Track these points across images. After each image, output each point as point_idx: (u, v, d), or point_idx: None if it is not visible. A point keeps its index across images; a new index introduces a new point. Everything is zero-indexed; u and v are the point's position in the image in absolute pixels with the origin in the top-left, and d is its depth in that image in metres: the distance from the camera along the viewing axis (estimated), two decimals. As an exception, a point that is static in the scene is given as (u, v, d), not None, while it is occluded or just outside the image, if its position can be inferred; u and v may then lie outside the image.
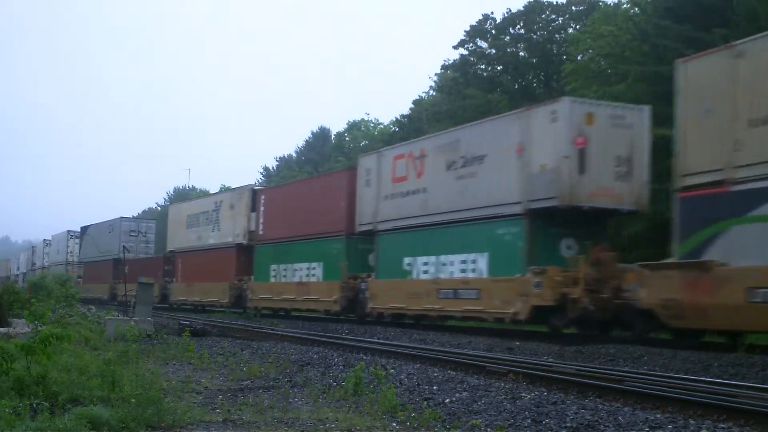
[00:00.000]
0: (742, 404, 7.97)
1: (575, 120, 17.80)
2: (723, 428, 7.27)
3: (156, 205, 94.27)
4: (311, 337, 18.34)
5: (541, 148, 18.26)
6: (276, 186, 39.12)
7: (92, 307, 26.39)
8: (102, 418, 6.64)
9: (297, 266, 28.71)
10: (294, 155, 77.49)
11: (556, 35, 41.41)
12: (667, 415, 7.82)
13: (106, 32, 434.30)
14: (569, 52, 38.07)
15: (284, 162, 76.92)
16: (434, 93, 53.10)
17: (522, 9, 41.44)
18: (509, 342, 17.07)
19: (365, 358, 13.10)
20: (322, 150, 71.85)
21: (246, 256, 32.82)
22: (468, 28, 42.96)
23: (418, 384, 10.20)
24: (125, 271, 43.07)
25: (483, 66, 43.10)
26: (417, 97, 55.01)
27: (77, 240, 57.36)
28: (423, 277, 22.09)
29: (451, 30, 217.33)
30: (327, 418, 7.66)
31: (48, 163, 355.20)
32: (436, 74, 52.64)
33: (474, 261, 20.13)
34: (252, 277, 32.03)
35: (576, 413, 7.86)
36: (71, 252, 58.16)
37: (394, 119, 56.48)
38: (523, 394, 9.13)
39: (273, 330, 21.49)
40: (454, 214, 20.98)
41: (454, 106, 40.89)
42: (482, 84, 40.98)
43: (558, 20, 41.81)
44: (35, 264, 68.70)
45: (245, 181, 45.80)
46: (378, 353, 14.42)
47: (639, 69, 26.93)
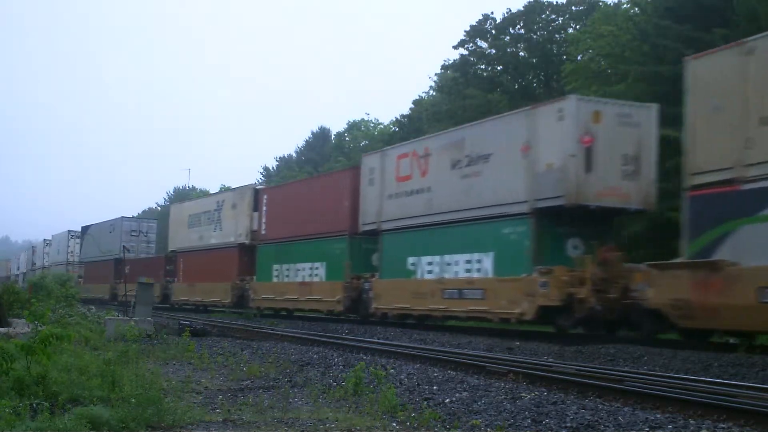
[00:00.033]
0: (742, 404, 7.97)
1: (582, 118, 17.65)
2: (723, 428, 7.27)
3: (156, 205, 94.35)
4: (311, 337, 18.34)
5: (548, 147, 18.10)
6: (278, 185, 38.90)
7: (92, 307, 26.39)
8: (102, 418, 6.64)
9: (300, 266, 28.59)
10: (294, 155, 77.53)
11: (556, 35, 41.41)
12: (667, 415, 7.82)
13: (106, 32, 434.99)
14: (569, 52, 38.08)
15: (284, 162, 76.95)
16: (434, 93, 53.12)
17: (522, 9, 41.44)
18: (509, 342, 17.06)
19: (365, 358, 13.10)
20: (322, 150, 71.86)
21: (248, 256, 32.72)
22: (468, 28, 43.01)
23: (418, 384, 10.20)
24: (126, 271, 43.17)
25: (483, 66, 43.10)
26: (417, 97, 55.13)
27: (78, 240, 57.35)
28: (427, 277, 21.94)
29: (451, 30, 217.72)
30: (327, 418, 7.66)
31: (48, 163, 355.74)
32: (436, 74, 52.75)
33: (479, 261, 19.99)
34: (254, 277, 31.94)
35: (576, 413, 7.86)
36: (72, 252, 58.16)
37: (394, 119, 56.59)
38: (523, 394, 9.13)
39: (273, 330, 21.49)
40: (459, 214, 20.81)
41: (454, 106, 40.89)
42: (482, 84, 40.98)
43: (558, 20, 41.81)
44: (35, 264, 68.69)
45: (245, 181, 45.82)
46: (378, 353, 14.41)
47: (639, 69, 26.94)
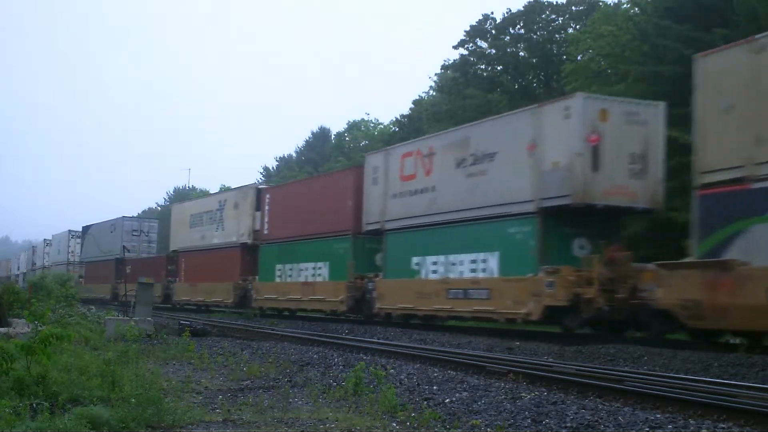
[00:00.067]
0: (742, 404, 7.97)
1: (589, 116, 17.49)
2: (723, 428, 7.27)
3: (156, 205, 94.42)
4: (311, 337, 18.34)
5: (554, 146, 17.95)
6: (281, 185, 38.64)
7: (92, 307, 26.41)
8: (102, 418, 6.64)
9: (303, 266, 28.45)
10: (294, 155, 77.55)
11: (556, 35, 41.42)
12: (667, 415, 7.82)
13: (106, 32, 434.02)
14: (569, 52, 38.08)
15: (284, 162, 76.96)
16: (434, 93, 53.13)
17: (522, 9, 41.45)
18: (509, 342, 17.05)
19: (365, 358, 13.10)
20: (322, 150, 71.88)
21: (251, 256, 32.58)
22: (468, 28, 43.02)
23: (418, 384, 10.20)
24: (127, 271, 43.17)
25: (483, 66, 43.10)
26: (417, 97, 55.16)
27: (78, 240, 57.24)
28: (432, 277, 21.79)
29: (451, 30, 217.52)
30: (327, 418, 7.66)
31: (48, 163, 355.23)
32: (436, 74, 52.78)
33: (484, 260, 19.84)
34: (257, 277, 31.81)
35: (576, 413, 7.86)
36: (72, 252, 58.07)
37: (394, 119, 56.60)
38: (523, 394, 9.13)
39: (273, 330, 21.49)
40: (464, 213, 20.66)
41: (454, 106, 40.90)
42: (482, 84, 40.99)
43: (558, 20, 41.81)
44: (35, 264, 68.62)
45: (245, 181, 45.77)
46: (378, 353, 14.42)
47: (639, 69, 26.94)
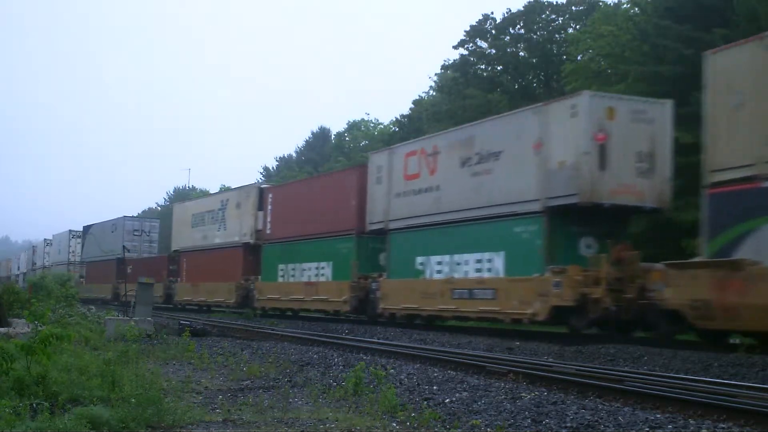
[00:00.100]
0: (742, 404, 7.97)
1: (595, 115, 17.34)
2: (723, 428, 7.26)
3: (156, 205, 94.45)
4: (311, 337, 18.34)
5: (560, 144, 17.81)
6: (284, 184, 38.46)
7: (92, 307, 26.41)
8: (102, 418, 6.64)
9: (305, 266, 28.30)
10: (294, 155, 77.57)
11: (556, 35, 41.42)
12: (667, 415, 7.82)
13: (106, 32, 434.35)
14: (569, 52, 38.08)
15: (284, 162, 76.97)
16: (434, 93, 53.13)
17: (522, 9, 41.44)
18: (509, 342, 17.03)
19: (365, 358, 13.10)
20: (322, 150, 71.89)
21: (253, 256, 32.46)
22: (468, 28, 43.01)
23: (418, 384, 10.20)
24: (128, 271, 43.13)
25: (483, 66, 43.10)
26: (417, 97, 55.15)
27: (79, 239, 57.14)
28: (436, 277, 21.62)
29: (451, 30, 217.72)
30: (327, 418, 7.66)
31: (48, 163, 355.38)
32: (436, 74, 52.77)
33: (490, 260, 19.69)
34: (259, 277, 31.68)
35: (576, 413, 7.85)
36: (73, 252, 57.96)
37: (394, 119, 56.61)
38: (523, 394, 9.13)
39: (273, 330, 21.49)
40: (469, 212, 20.50)
41: (454, 106, 40.89)
42: (482, 84, 40.98)
43: (558, 20, 41.81)
44: (36, 264, 68.56)
45: (245, 181, 45.72)
46: (378, 353, 14.41)
47: (639, 69, 26.92)
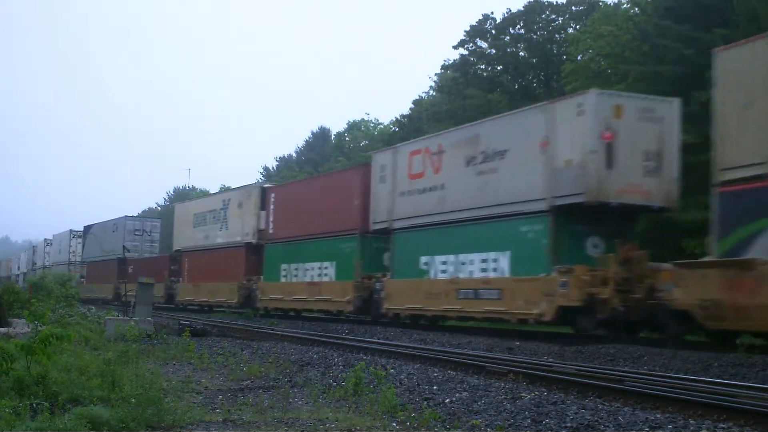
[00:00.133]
0: (742, 404, 7.97)
1: (602, 113, 17.18)
2: (723, 428, 7.27)
3: (156, 205, 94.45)
4: (311, 337, 18.35)
5: (567, 143, 17.67)
6: (286, 183, 38.25)
7: (92, 307, 26.42)
8: (102, 418, 6.64)
9: (308, 266, 28.15)
10: (294, 155, 77.54)
11: (556, 35, 41.39)
12: (667, 415, 7.82)
13: (106, 32, 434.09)
14: (569, 52, 38.07)
15: (284, 162, 76.94)
16: (434, 93, 53.11)
17: (522, 9, 41.42)
18: (509, 342, 17.03)
19: (365, 358, 13.11)
20: (322, 150, 71.87)
21: (255, 256, 32.32)
22: (468, 28, 42.96)
23: (418, 384, 10.20)
24: (129, 271, 43.12)
25: (483, 66, 43.07)
26: (417, 97, 55.10)
27: (80, 239, 57.00)
28: (441, 277, 21.48)
29: (451, 30, 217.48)
30: (327, 418, 7.66)
31: (48, 163, 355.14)
32: (436, 74, 52.74)
33: (495, 260, 19.54)
34: (261, 277, 31.52)
35: (576, 413, 7.86)
36: (74, 252, 57.83)
37: (394, 119, 56.56)
38: (523, 394, 9.13)
39: (273, 330, 21.49)
40: (474, 212, 20.36)
41: (454, 106, 40.86)
42: (482, 84, 40.95)
43: (558, 20, 41.79)
44: (36, 264, 68.51)
45: (245, 181, 45.68)
46: (378, 353, 14.42)
47: (639, 69, 26.91)
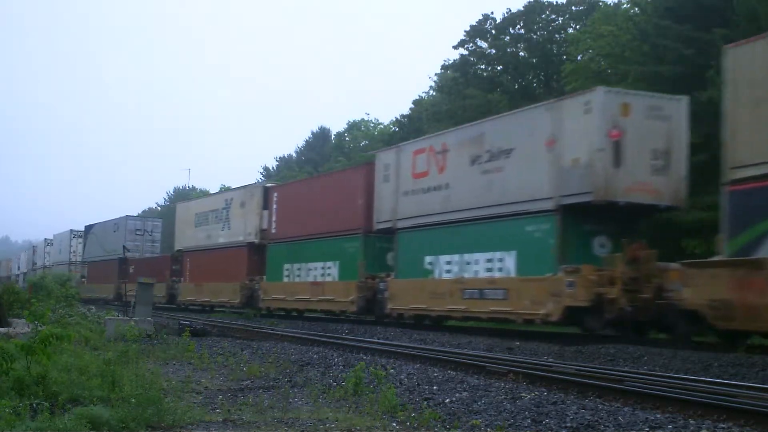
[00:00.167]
0: (742, 404, 7.97)
1: (610, 111, 17.02)
2: (723, 428, 7.27)
3: (156, 205, 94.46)
4: (311, 337, 18.35)
5: (574, 141, 17.51)
6: (289, 183, 38.02)
7: (92, 307, 26.43)
8: (102, 418, 6.64)
9: (311, 265, 28.02)
10: (294, 155, 77.53)
11: (556, 35, 41.40)
12: (667, 415, 7.82)
13: (106, 32, 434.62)
14: (569, 52, 38.07)
15: (284, 162, 76.93)
16: (434, 93, 53.12)
17: (522, 9, 41.43)
18: (509, 342, 17.03)
19: (365, 358, 13.11)
20: (322, 150, 71.87)
21: (258, 256, 32.17)
22: (468, 28, 42.99)
23: (418, 384, 10.20)
24: (131, 271, 43.06)
25: (483, 66, 43.08)
26: (417, 97, 55.13)
27: (80, 239, 56.86)
28: (446, 277, 21.33)
29: (451, 30, 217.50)
30: (327, 418, 7.66)
31: (48, 163, 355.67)
32: (436, 74, 52.77)
33: (501, 259, 19.39)
34: (264, 277, 31.38)
35: (576, 413, 7.85)
36: (74, 251, 57.72)
37: (394, 119, 56.57)
38: (523, 394, 9.13)
39: (273, 330, 21.49)
40: (479, 211, 20.22)
41: (454, 106, 40.86)
42: (482, 84, 40.96)
43: (558, 20, 41.80)
44: (36, 264, 68.46)
45: (245, 181, 45.63)
46: (378, 353, 14.42)
47: (639, 69, 26.92)
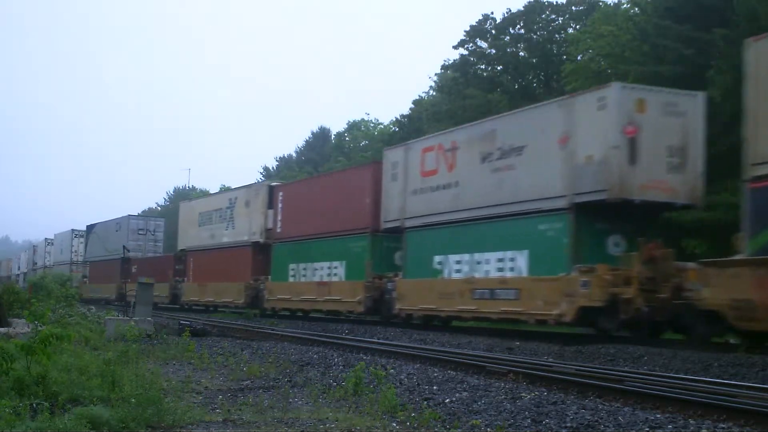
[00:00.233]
0: (742, 404, 7.97)
1: (625, 107, 16.74)
2: (723, 428, 7.27)
3: (156, 205, 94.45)
4: (311, 337, 18.35)
5: (588, 138, 17.23)
6: (295, 182, 37.76)
7: (92, 307, 26.43)
8: (102, 418, 6.64)
9: (317, 265, 27.76)
10: (294, 155, 77.53)
11: (556, 35, 41.41)
12: (667, 415, 7.82)
13: (106, 32, 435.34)
14: (569, 52, 38.08)
15: (284, 162, 76.93)
16: (434, 93, 53.15)
17: (522, 9, 41.44)
18: (509, 342, 17.04)
19: (365, 358, 13.11)
20: (322, 150, 71.87)
21: (263, 255, 31.84)
22: (468, 28, 43.00)
23: (418, 384, 10.20)
24: (133, 271, 43.01)
25: (483, 66, 43.09)
26: (417, 97, 55.15)
27: (82, 239, 56.66)
28: (455, 277, 21.01)
29: (451, 30, 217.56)
30: (327, 418, 7.66)
31: (48, 163, 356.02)
32: (436, 74, 52.80)
33: (512, 259, 19.10)
34: (269, 277, 31.11)
35: (576, 413, 7.85)
36: (76, 251, 57.56)
37: (394, 119, 56.57)
38: (523, 394, 9.13)
39: (273, 330, 21.49)
40: (490, 210, 19.92)
41: (454, 106, 40.87)
42: (482, 84, 40.96)
43: (558, 20, 41.81)
44: (36, 264, 68.38)
45: (245, 181, 45.49)
46: (378, 353, 14.42)
47: (639, 69, 26.91)
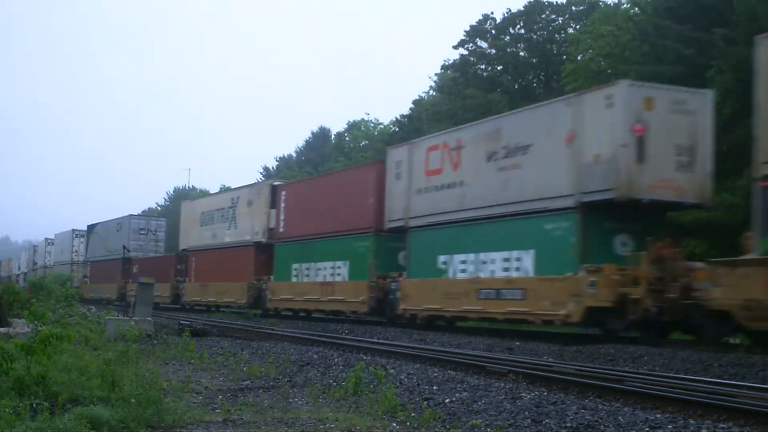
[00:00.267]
0: (742, 404, 7.97)
1: (633, 105, 16.57)
2: (723, 428, 7.27)
3: (156, 205, 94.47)
4: (311, 337, 18.35)
5: (595, 137, 17.06)
6: (297, 181, 37.59)
7: (92, 307, 26.44)
8: (102, 418, 6.65)
9: (321, 265, 27.60)
10: (294, 155, 77.55)
11: (556, 35, 41.46)
12: (667, 415, 7.82)
13: (106, 32, 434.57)
14: (569, 52, 38.12)
15: (284, 162, 76.95)
16: (434, 93, 53.19)
17: (522, 9, 41.49)
18: (509, 342, 17.04)
19: (365, 358, 13.11)
20: (322, 150, 71.90)
21: (265, 255, 31.65)
22: (468, 28, 43.09)
23: (418, 384, 10.20)
24: (134, 271, 42.99)
25: (483, 66, 43.15)
26: (417, 97, 55.22)
27: (83, 239, 56.52)
28: (460, 276, 20.83)
29: (451, 30, 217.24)
30: (327, 418, 7.67)
31: (48, 163, 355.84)
32: (436, 74, 52.89)
33: (518, 259, 18.94)
34: (272, 277, 30.94)
35: (576, 413, 7.85)
36: (76, 251, 57.43)
37: (394, 119, 56.61)
38: (523, 394, 9.13)
39: (273, 330, 21.49)
40: (496, 209, 19.75)
41: (454, 106, 40.91)
42: (482, 84, 41.00)
43: (558, 20, 41.85)
44: (36, 264, 68.33)
45: (245, 181, 45.55)
46: (378, 353, 14.42)
47: (639, 69, 26.93)
